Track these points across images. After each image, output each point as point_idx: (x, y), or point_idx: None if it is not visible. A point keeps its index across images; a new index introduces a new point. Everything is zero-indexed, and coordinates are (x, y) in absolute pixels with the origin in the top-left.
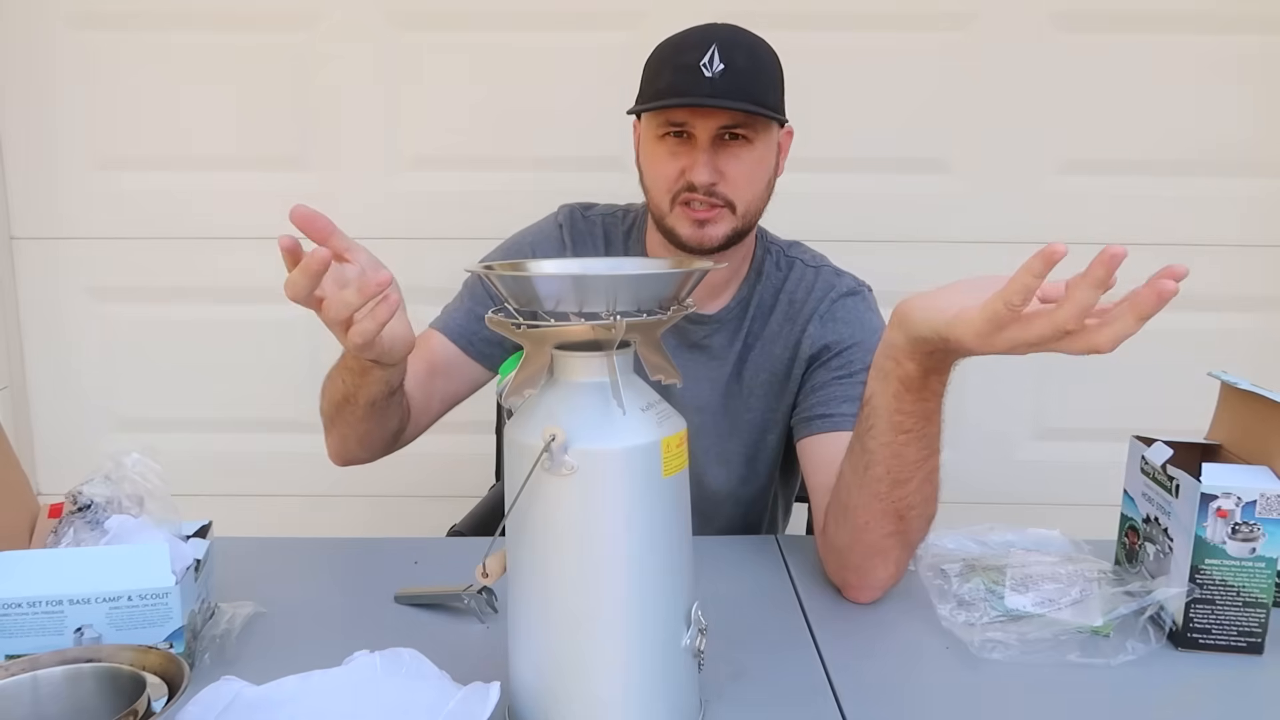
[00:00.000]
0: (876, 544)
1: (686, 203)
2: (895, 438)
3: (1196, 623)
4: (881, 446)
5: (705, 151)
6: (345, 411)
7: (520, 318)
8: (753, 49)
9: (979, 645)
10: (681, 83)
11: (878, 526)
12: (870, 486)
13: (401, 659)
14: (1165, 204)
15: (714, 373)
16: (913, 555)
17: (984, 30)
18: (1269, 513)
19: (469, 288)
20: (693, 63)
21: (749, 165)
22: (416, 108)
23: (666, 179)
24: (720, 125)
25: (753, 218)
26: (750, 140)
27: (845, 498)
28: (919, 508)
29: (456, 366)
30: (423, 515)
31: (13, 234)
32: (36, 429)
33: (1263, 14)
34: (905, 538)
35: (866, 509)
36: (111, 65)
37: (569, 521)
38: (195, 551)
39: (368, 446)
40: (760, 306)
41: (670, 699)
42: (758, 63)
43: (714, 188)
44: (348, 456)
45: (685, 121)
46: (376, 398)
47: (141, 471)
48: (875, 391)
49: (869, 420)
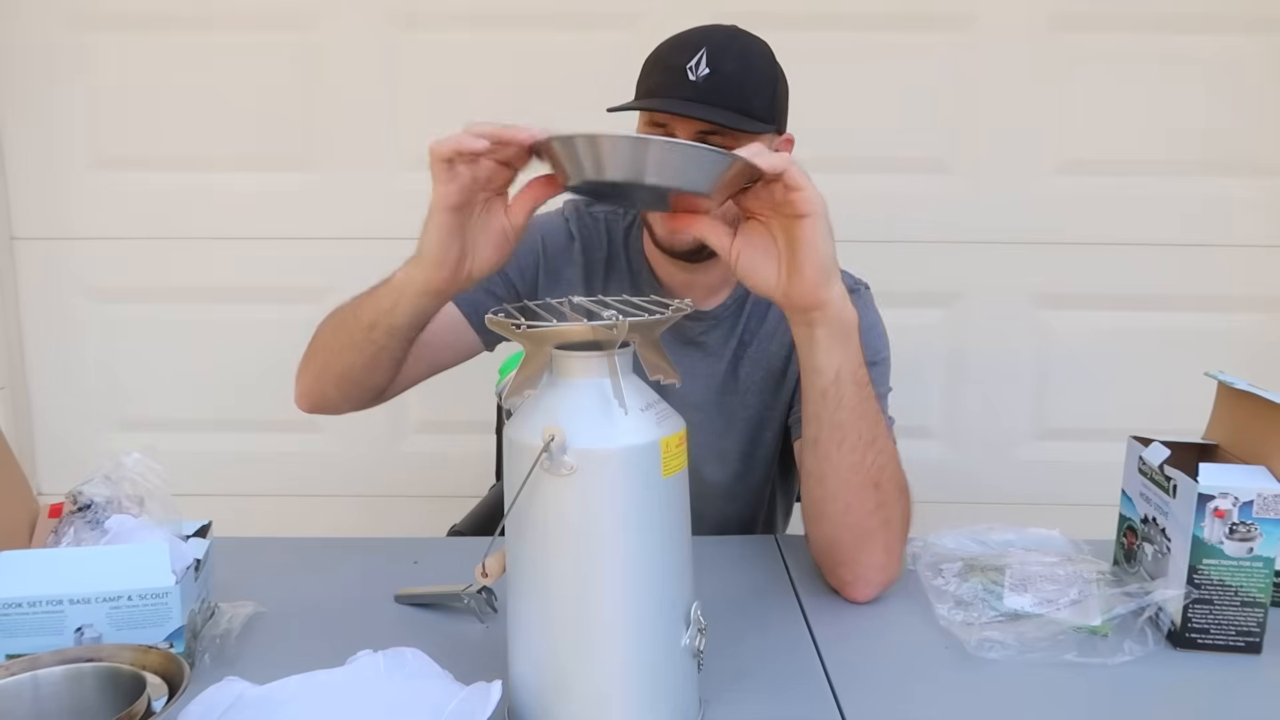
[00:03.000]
0: (861, 525)
1: None
2: (860, 393)
3: (1195, 622)
4: (849, 413)
5: None
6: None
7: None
8: (746, 55)
9: (976, 644)
10: (665, 84)
11: (859, 505)
12: (846, 460)
13: (404, 658)
14: (1165, 204)
15: (710, 369)
16: (903, 544)
17: (984, 31)
18: (1266, 512)
19: None
20: (680, 65)
21: None
22: (416, 108)
23: None
24: (698, 130)
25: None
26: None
27: (819, 490)
28: (888, 468)
29: (457, 335)
30: (423, 515)
31: (14, 234)
32: (37, 429)
33: (1263, 14)
34: (886, 513)
35: (845, 489)
36: (112, 65)
37: (568, 521)
38: (195, 551)
39: (345, 388)
40: (757, 304)
41: (670, 699)
42: (748, 69)
43: None
44: (318, 397)
45: (666, 123)
46: (403, 326)
47: (141, 471)
48: (837, 363)
49: (838, 397)
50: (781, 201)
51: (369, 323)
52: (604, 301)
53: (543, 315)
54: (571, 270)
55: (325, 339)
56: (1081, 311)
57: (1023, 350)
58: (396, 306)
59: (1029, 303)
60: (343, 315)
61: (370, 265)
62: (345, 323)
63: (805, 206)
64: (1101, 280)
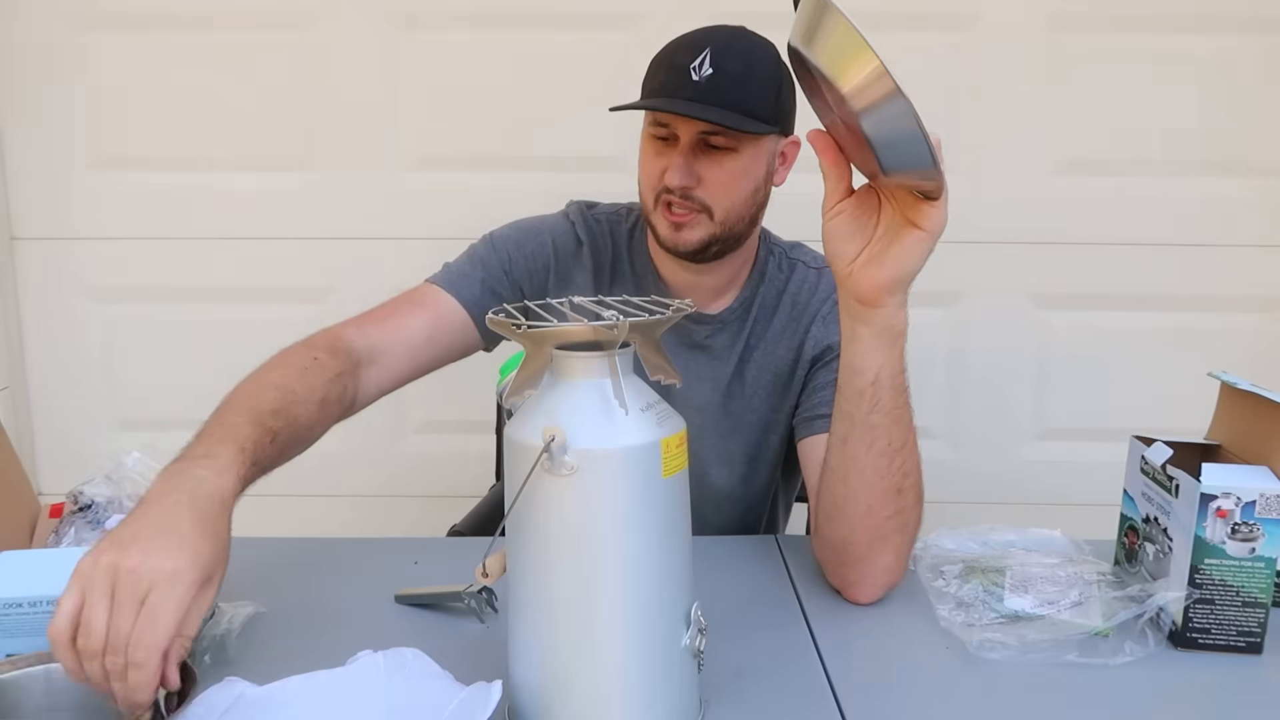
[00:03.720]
0: (879, 529)
1: (668, 204)
2: (897, 399)
3: (1196, 623)
4: (884, 416)
5: (684, 155)
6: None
7: (520, 317)
8: (750, 56)
9: (978, 645)
10: (668, 84)
11: (880, 509)
12: (873, 464)
13: (405, 659)
14: (1165, 204)
15: (716, 373)
16: (911, 549)
17: (984, 31)
18: (1268, 513)
19: (479, 258)
20: (684, 65)
21: (729, 173)
22: (416, 108)
23: (651, 177)
24: (700, 130)
25: (735, 225)
26: (734, 149)
27: (841, 489)
28: (912, 475)
29: (460, 334)
30: (423, 515)
31: (14, 234)
32: (37, 429)
33: (1263, 14)
34: (903, 518)
35: (869, 491)
36: (112, 65)
37: (569, 521)
38: None
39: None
40: (763, 307)
41: (670, 699)
42: (752, 70)
43: (690, 191)
44: None
45: (669, 123)
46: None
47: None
48: (877, 366)
49: (874, 399)
50: (910, 203)
51: None
52: (604, 302)
53: (543, 315)
54: (581, 274)
55: None
56: (1081, 311)
57: (1023, 350)
58: None
59: (1029, 303)
60: None
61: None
62: None
63: (928, 223)
64: (1101, 280)
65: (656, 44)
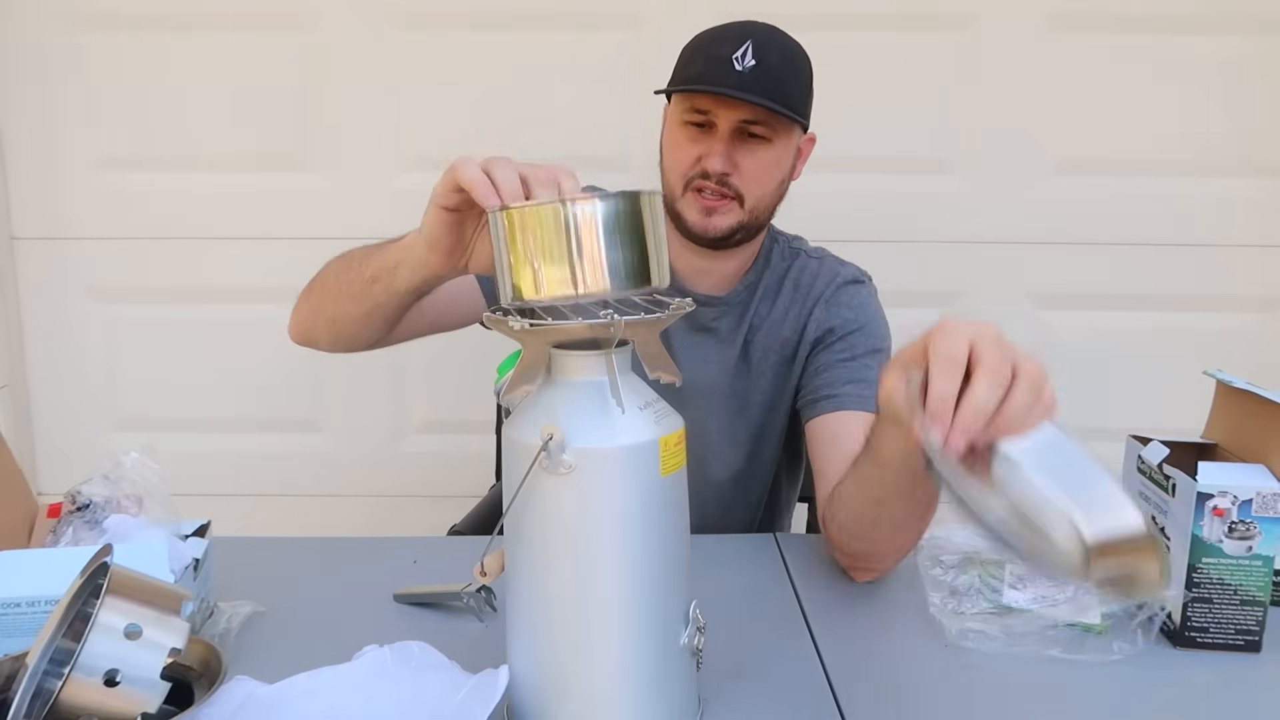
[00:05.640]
0: (903, 543)
1: (699, 190)
2: None
3: (1194, 621)
4: None
5: (723, 142)
6: (355, 285)
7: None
8: (787, 51)
9: (959, 634)
10: (711, 72)
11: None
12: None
13: (411, 651)
14: (1164, 204)
15: (722, 355)
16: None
17: (984, 30)
18: (1265, 511)
19: None
20: (725, 55)
21: (764, 163)
22: (416, 108)
23: (683, 164)
24: (741, 119)
25: (760, 215)
26: (769, 139)
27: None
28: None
29: (466, 303)
30: (423, 515)
31: (14, 234)
32: (36, 429)
33: (1263, 14)
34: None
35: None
36: (111, 65)
37: (567, 520)
38: (194, 551)
39: (333, 333)
40: (767, 290)
41: (668, 697)
42: (790, 64)
43: (726, 178)
44: (306, 333)
45: (709, 110)
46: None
47: (140, 471)
48: None
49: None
50: None
51: (371, 275)
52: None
53: (540, 313)
54: None
55: (328, 278)
56: (1081, 311)
57: None
58: (399, 269)
59: (1029, 303)
60: (350, 259)
61: None
62: (350, 267)
63: None
64: (1101, 280)
65: (655, 44)
